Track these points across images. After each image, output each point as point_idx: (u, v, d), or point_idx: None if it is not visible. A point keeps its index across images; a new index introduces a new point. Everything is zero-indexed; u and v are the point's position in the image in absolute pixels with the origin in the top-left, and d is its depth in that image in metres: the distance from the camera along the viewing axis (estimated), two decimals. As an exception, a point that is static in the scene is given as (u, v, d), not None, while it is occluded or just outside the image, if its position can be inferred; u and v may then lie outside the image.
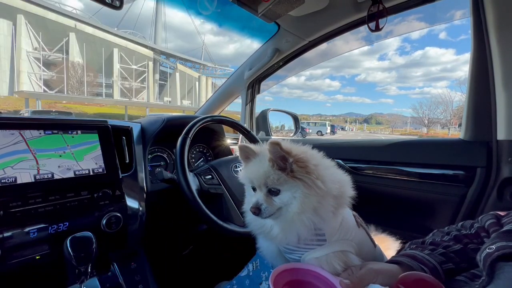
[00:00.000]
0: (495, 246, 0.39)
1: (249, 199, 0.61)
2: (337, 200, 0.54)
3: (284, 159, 0.52)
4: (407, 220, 1.18)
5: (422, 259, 0.48)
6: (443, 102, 37.92)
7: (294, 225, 0.52)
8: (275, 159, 0.53)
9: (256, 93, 1.82)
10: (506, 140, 0.91)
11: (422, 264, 0.47)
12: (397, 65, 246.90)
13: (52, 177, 0.72)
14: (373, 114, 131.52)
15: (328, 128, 29.24)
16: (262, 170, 0.54)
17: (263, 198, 0.54)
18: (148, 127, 1.09)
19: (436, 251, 0.50)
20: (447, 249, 0.50)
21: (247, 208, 0.60)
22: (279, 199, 0.53)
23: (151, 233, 0.97)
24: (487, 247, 0.40)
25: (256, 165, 0.57)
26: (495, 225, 0.48)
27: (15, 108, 21.03)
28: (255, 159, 0.58)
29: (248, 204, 0.60)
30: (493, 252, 0.38)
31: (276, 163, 0.53)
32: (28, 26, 26.17)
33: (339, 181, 0.56)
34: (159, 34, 43.15)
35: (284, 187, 0.52)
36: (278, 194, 0.53)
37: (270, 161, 0.53)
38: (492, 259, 0.37)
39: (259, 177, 0.54)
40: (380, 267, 0.48)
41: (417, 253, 0.49)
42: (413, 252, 0.51)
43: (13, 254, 0.63)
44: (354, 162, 1.30)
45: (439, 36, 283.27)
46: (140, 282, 0.86)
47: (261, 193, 0.55)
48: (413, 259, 0.48)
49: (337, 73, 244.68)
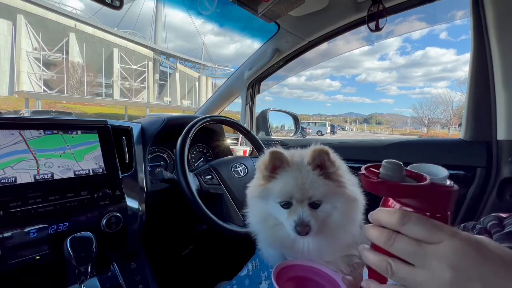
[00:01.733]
0: None
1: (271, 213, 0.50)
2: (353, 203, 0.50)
3: (323, 167, 0.47)
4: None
5: None
6: (443, 102, 37.95)
7: (335, 240, 0.47)
8: (316, 163, 0.47)
9: (256, 93, 1.82)
10: (506, 140, 0.91)
11: None
12: (397, 65, 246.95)
13: (52, 177, 0.72)
14: (373, 114, 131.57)
15: (328, 128, 29.24)
16: (307, 180, 0.46)
17: (309, 212, 0.45)
18: (148, 127, 1.09)
19: None
20: None
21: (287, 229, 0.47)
22: (321, 211, 0.46)
23: (151, 233, 0.97)
24: None
25: (295, 176, 0.47)
26: (497, 226, 0.48)
27: (15, 108, 21.03)
28: (290, 170, 0.49)
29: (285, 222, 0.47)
30: None
31: (322, 170, 0.46)
32: (28, 26, 26.17)
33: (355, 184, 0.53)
34: (159, 34, 43.17)
35: (327, 199, 0.46)
36: (319, 207, 0.46)
37: (316, 168, 0.47)
38: None
39: (304, 189, 0.45)
40: None
41: None
42: None
43: (13, 254, 0.63)
44: (354, 162, 1.30)
45: (440, 36, 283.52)
46: (140, 282, 0.86)
47: (302, 208, 0.46)
48: None
49: (337, 73, 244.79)
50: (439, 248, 0.24)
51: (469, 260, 0.23)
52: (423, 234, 0.25)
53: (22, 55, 26.15)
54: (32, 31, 26.50)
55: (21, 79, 26.09)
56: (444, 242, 0.24)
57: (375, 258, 0.28)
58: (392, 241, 0.26)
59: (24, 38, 26.00)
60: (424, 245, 0.25)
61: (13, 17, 25.13)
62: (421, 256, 0.25)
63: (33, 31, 26.51)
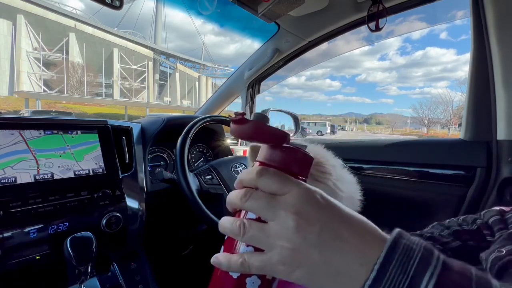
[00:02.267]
0: (505, 250, 0.37)
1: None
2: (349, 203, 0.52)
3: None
4: (406, 220, 1.18)
5: None
6: (443, 102, 37.97)
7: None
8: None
9: (256, 93, 1.82)
10: (506, 140, 0.91)
11: None
12: (397, 65, 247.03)
13: (52, 177, 0.72)
14: (373, 114, 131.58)
15: (328, 128, 29.27)
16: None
17: None
18: (148, 127, 1.09)
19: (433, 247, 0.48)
20: (445, 246, 0.48)
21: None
22: None
23: (151, 233, 0.97)
24: (496, 249, 0.38)
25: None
26: (499, 222, 0.47)
27: (15, 108, 21.04)
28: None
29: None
30: (504, 255, 0.36)
31: None
32: (28, 26, 26.17)
33: (348, 183, 0.54)
34: (159, 34, 43.17)
35: None
36: None
37: None
38: (503, 263, 0.35)
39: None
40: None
41: None
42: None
43: (13, 254, 0.63)
44: (354, 162, 1.30)
45: (440, 36, 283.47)
46: (140, 282, 0.86)
47: None
48: None
49: (337, 73, 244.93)
50: (286, 197, 0.26)
51: (310, 206, 0.25)
52: (276, 186, 0.26)
53: (22, 55, 26.16)
54: (32, 31, 26.51)
55: (21, 79, 26.09)
56: (291, 192, 0.26)
57: (229, 221, 0.28)
58: (248, 196, 0.27)
59: (24, 38, 26.01)
60: (276, 197, 0.26)
61: (13, 17, 25.14)
62: (272, 208, 0.26)
63: (33, 31, 26.51)
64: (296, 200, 0.25)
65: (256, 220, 0.27)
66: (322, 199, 0.26)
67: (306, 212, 0.25)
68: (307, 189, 0.26)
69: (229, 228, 0.28)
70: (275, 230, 0.25)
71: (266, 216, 0.26)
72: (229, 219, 0.28)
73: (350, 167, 1.37)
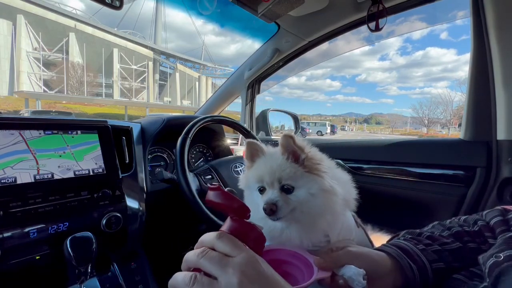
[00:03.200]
0: (503, 255, 0.37)
1: (255, 201, 0.52)
2: (345, 203, 0.51)
3: (295, 155, 0.49)
4: (407, 220, 1.18)
5: (413, 255, 0.45)
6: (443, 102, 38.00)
7: (314, 228, 0.47)
8: (287, 153, 0.49)
9: (256, 93, 1.83)
10: (506, 140, 0.91)
11: (411, 260, 0.44)
12: (398, 65, 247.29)
13: (52, 177, 0.72)
14: (373, 114, 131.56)
15: (328, 128, 29.27)
16: (275, 164, 0.50)
17: (278, 194, 0.48)
18: (148, 127, 1.09)
19: (431, 247, 0.47)
20: (443, 247, 0.47)
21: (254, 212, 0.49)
22: (294, 196, 0.48)
23: (151, 233, 0.97)
24: (495, 254, 0.38)
25: (266, 161, 0.52)
26: (502, 223, 0.46)
27: (15, 108, 21.04)
28: (264, 157, 0.54)
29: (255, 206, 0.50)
30: (502, 261, 0.36)
31: (290, 156, 0.49)
32: (28, 26, 26.18)
33: (344, 183, 0.53)
34: (159, 34, 43.18)
35: (298, 183, 0.48)
36: (292, 192, 0.48)
37: (284, 153, 0.49)
38: (501, 269, 0.35)
39: (272, 172, 0.49)
40: (359, 251, 0.45)
41: (410, 247, 0.47)
42: (406, 244, 0.48)
43: (13, 254, 0.63)
44: (354, 162, 1.30)
45: (441, 36, 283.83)
46: (140, 282, 0.86)
47: (273, 190, 0.48)
48: (404, 252, 0.46)
49: (338, 73, 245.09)
50: (236, 259, 0.31)
51: (253, 269, 0.31)
52: (229, 248, 0.32)
53: (22, 55, 26.16)
54: (32, 31, 26.51)
55: (21, 79, 26.10)
56: (241, 255, 0.31)
57: (182, 274, 0.32)
58: (205, 253, 0.32)
59: (24, 38, 26.01)
60: (228, 257, 0.31)
61: (13, 17, 25.14)
62: (222, 266, 0.30)
63: (33, 31, 26.51)
64: (243, 262, 0.31)
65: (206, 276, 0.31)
66: (264, 266, 0.32)
67: (249, 273, 0.30)
68: (254, 255, 0.32)
69: (181, 278, 0.31)
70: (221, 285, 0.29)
71: (216, 272, 0.30)
72: (183, 272, 0.33)
73: (350, 167, 1.37)
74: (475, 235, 0.49)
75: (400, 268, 0.44)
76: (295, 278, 0.44)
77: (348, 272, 0.41)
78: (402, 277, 0.43)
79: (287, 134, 0.48)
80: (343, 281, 0.41)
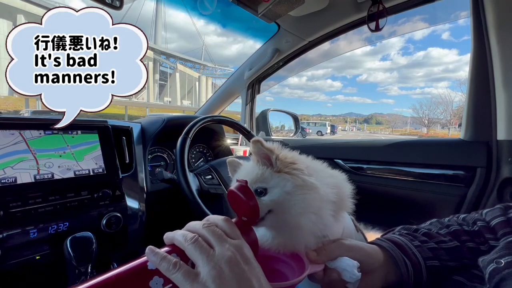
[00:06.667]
0: (504, 261, 0.36)
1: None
2: (336, 205, 0.48)
3: (268, 159, 0.48)
4: (407, 220, 1.17)
5: (408, 251, 0.44)
6: (443, 102, 38.00)
7: (301, 230, 0.46)
8: (258, 157, 0.48)
9: (256, 93, 1.82)
10: (506, 140, 0.91)
11: (406, 256, 0.43)
12: (399, 65, 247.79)
13: (52, 177, 0.72)
14: (373, 114, 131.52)
15: (328, 128, 29.26)
16: (245, 171, 0.51)
17: None
18: (148, 127, 1.09)
19: (426, 244, 0.46)
20: (439, 245, 0.46)
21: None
22: (268, 197, 0.46)
23: (151, 233, 0.97)
24: (495, 260, 0.37)
25: (240, 171, 0.53)
26: (505, 225, 0.45)
27: (15, 108, 21.00)
28: (239, 169, 0.56)
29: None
30: (503, 268, 0.35)
31: (260, 160, 0.48)
32: (28, 26, 26.13)
33: (335, 185, 0.50)
34: (159, 34, 43.17)
35: (269, 183, 0.46)
36: (265, 194, 0.46)
37: (254, 159, 0.49)
38: (501, 276, 0.34)
39: (242, 177, 0.48)
40: (352, 243, 0.45)
41: (405, 242, 0.46)
42: (400, 239, 0.47)
43: (13, 254, 0.63)
44: (354, 162, 1.30)
45: (442, 37, 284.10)
46: (140, 282, 0.86)
47: None
48: (399, 248, 0.45)
49: (338, 74, 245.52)
50: (233, 241, 0.32)
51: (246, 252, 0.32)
52: (230, 231, 0.34)
53: (22, 55, 26.12)
54: (32, 31, 26.47)
55: (21, 79, 26.06)
56: (238, 240, 0.33)
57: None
58: (210, 224, 0.34)
59: (24, 38, 25.98)
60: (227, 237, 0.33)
61: (13, 17, 25.14)
62: (221, 240, 0.32)
63: (33, 31, 26.47)
64: (239, 245, 0.32)
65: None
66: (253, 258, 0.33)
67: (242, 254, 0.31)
68: (248, 246, 0.33)
69: (182, 234, 0.33)
70: (215, 254, 0.30)
71: (213, 243, 0.32)
72: (185, 231, 0.34)
73: (350, 167, 1.37)
74: (474, 235, 0.48)
75: (394, 262, 0.43)
76: (285, 275, 0.43)
77: (342, 264, 0.40)
78: (395, 271, 0.43)
79: (254, 139, 0.47)
80: (336, 274, 0.40)
